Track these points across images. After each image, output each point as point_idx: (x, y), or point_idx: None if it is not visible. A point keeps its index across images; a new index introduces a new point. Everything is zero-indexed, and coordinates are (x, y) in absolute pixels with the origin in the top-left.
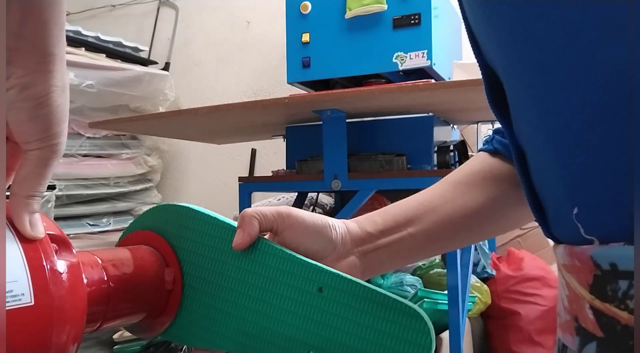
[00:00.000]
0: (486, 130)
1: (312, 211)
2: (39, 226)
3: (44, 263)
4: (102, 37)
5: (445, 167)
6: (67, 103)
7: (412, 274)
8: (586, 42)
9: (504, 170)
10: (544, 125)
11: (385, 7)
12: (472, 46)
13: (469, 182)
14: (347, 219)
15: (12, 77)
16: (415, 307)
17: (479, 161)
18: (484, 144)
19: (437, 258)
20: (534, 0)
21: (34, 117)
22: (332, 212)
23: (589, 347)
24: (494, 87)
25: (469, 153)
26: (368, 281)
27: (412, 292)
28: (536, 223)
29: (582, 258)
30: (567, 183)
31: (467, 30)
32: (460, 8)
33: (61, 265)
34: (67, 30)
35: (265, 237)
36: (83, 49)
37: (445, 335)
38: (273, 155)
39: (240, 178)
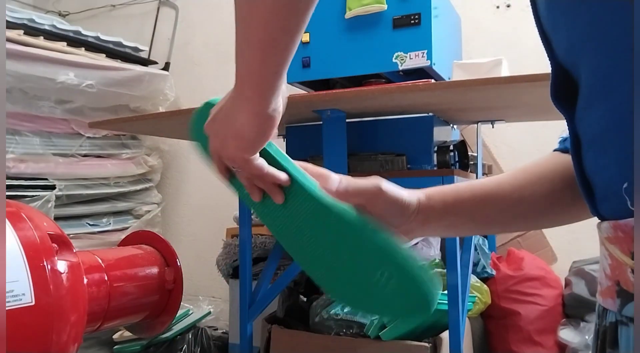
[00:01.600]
0: (486, 130)
1: None
2: None
3: (45, 264)
4: (102, 37)
5: (445, 166)
6: None
7: None
8: None
9: (568, 163)
10: (614, 111)
11: (385, 7)
12: (544, 46)
13: (527, 168)
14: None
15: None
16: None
17: (546, 156)
18: (558, 144)
19: (437, 258)
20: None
21: None
22: None
23: (628, 306)
24: (558, 81)
25: (469, 153)
26: None
27: None
28: None
29: (626, 230)
30: (621, 162)
31: (540, 32)
32: (534, 12)
33: (62, 265)
34: (67, 30)
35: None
36: (83, 49)
37: (445, 335)
38: None
39: None
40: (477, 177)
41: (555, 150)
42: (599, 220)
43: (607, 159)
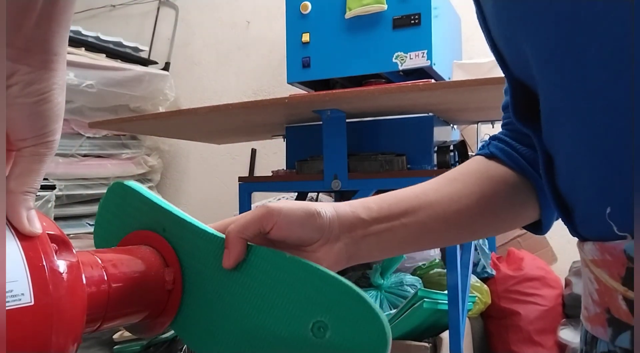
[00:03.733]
0: (486, 130)
1: None
2: (36, 222)
3: (44, 263)
4: (102, 37)
5: (445, 167)
6: (64, 102)
7: (412, 274)
8: (626, 54)
9: (499, 171)
10: (581, 131)
11: (385, 7)
12: (498, 62)
13: (464, 179)
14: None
15: (17, 74)
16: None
17: (475, 162)
18: (480, 149)
19: (437, 258)
20: (577, 18)
21: (34, 113)
22: None
23: (622, 336)
24: (520, 98)
25: (469, 153)
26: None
27: (412, 292)
28: None
29: (614, 253)
30: (600, 185)
31: (492, 48)
32: (485, 28)
33: (61, 265)
34: None
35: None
36: (83, 49)
37: (445, 335)
38: (273, 155)
39: (240, 178)
40: None
41: (478, 154)
42: (579, 240)
43: (583, 181)
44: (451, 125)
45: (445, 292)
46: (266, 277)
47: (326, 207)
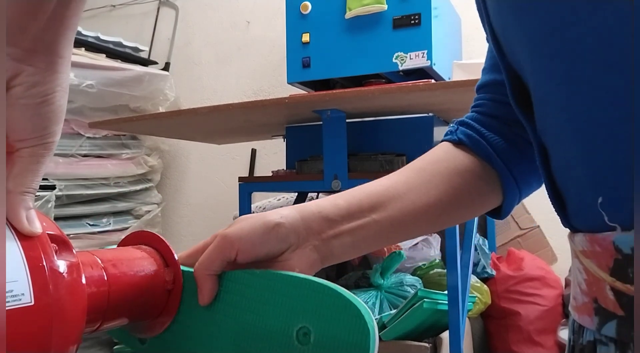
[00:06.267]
0: None
1: None
2: (36, 222)
3: (44, 263)
4: (102, 37)
5: None
6: (65, 104)
7: (412, 274)
8: (619, 46)
9: (466, 161)
10: (573, 122)
11: (385, 7)
12: (495, 49)
13: (433, 169)
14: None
15: (21, 75)
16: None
17: (442, 150)
18: (446, 134)
19: (437, 258)
20: (571, 6)
21: (36, 115)
22: None
23: (608, 325)
24: (517, 88)
25: None
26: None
27: (412, 292)
28: (536, 223)
29: (604, 244)
30: (592, 175)
31: (490, 35)
32: (484, 13)
33: (61, 265)
34: None
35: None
36: (83, 49)
37: (445, 335)
38: (273, 155)
39: (240, 179)
40: None
41: (444, 139)
42: (571, 232)
43: (575, 172)
44: None
45: (445, 292)
46: (243, 299)
47: (288, 212)
